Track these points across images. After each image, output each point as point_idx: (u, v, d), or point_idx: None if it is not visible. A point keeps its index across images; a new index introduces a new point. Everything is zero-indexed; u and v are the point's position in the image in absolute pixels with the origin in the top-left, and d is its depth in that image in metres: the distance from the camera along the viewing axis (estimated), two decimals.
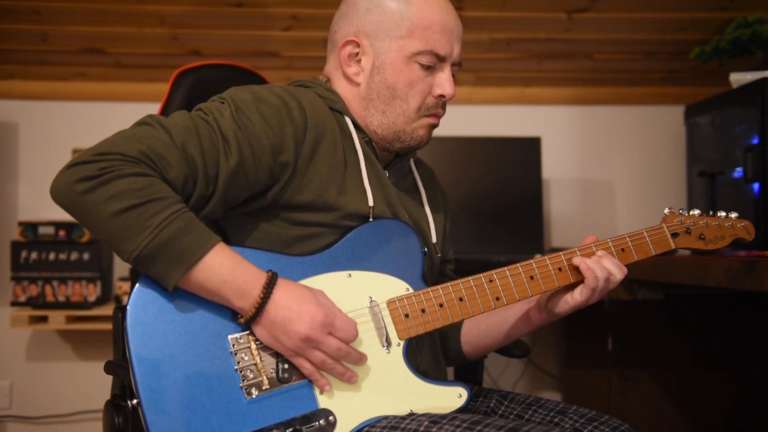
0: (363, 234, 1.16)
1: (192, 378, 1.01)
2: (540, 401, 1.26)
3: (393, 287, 1.16)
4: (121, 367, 1.28)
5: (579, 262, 1.19)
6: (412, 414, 1.10)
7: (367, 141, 1.24)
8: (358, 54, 1.23)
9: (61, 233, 2.48)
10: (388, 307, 1.14)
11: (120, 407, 1.22)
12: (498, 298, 1.18)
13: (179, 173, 1.02)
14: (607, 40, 2.63)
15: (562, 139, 2.94)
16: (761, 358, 2.49)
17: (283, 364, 1.06)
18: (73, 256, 2.48)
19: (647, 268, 1.78)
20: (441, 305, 1.16)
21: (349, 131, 1.22)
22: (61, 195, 0.98)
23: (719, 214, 1.29)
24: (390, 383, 1.11)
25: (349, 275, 1.14)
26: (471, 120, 2.90)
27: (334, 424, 1.06)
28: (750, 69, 2.21)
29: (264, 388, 1.04)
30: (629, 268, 1.22)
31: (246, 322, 1.04)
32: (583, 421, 1.19)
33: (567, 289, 1.21)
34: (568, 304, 1.20)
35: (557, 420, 1.20)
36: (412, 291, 1.16)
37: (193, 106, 1.13)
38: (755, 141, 2.06)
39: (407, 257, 1.18)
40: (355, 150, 1.21)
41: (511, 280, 1.19)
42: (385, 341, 1.12)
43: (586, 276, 1.18)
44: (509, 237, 2.67)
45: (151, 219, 0.97)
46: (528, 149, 2.71)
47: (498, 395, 1.32)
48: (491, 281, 1.18)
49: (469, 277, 1.18)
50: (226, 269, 1.01)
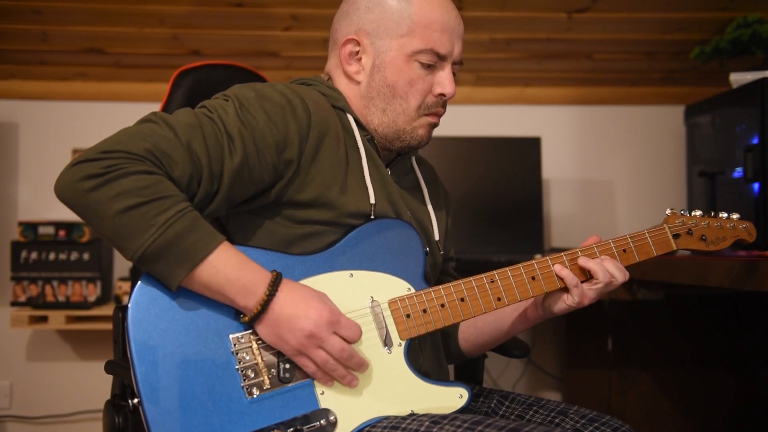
0: (365, 233, 1.16)
1: (193, 377, 1.00)
2: (541, 401, 1.26)
3: (394, 287, 1.16)
4: (121, 367, 1.28)
5: (582, 263, 1.19)
6: (413, 414, 1.10)
7: (369, 139, 1.24)
8: (358, 52, 1.23)
9: (61, 233, 2.48)
10: (389, 307, 1.14)
11: (120, 407, 1.23)
12: (499, 298, 1.18)
13: (184, 171, 1.02)
14: (607, 40, 2.63)
15: (562, 139, 2.94)
16: (761, 358, 2.49)
17: (285, 364, 1.06)
18: (73, 256, 2.48)
19: (647, 268, 1.78)
20: (442, 305, 1.16)
21: (351, 129, 1.22)
22: (66, 192, 0.98)
23: (721, 215, 1.29)
24: (391, 383, 1.11)
25: (351, 275, 1.14)
26: (471, 120, 2.89)
27: (334, 424, 1.06)
28: (750, 69, 2.21)
29: (265, 387, 1.04)
30: (629, 268, 1.22)
31: (250, 320, 1.03)
32: (584, 422, 1.18)
33: (566, 289, 1.21)
34: (565, 303, 1.20)
35: (558, 420, 1.20)
36: (413, 291, 1.16)
37: (194, 106, 1.13)
38: (755, 141, 2.06)
39: (409, 257, 1.18)
40: (357, 148, 1.21)
41: (513, 280, 1.19)
42: (387, 341, 1.12)
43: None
44: (509, 237, 2.67)
45: (156, 217, 0.97)
46: (528, 149, 2.71)
47: (499, 395, 1.32)
48: (493, 281, 1.18)
49: (471, 278, 1.18)
50: (230, 268, 1.01)
